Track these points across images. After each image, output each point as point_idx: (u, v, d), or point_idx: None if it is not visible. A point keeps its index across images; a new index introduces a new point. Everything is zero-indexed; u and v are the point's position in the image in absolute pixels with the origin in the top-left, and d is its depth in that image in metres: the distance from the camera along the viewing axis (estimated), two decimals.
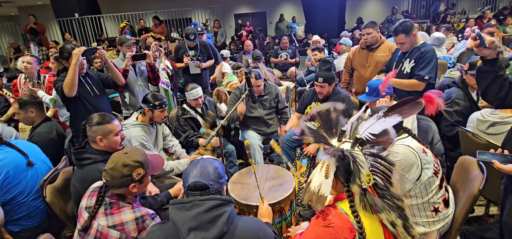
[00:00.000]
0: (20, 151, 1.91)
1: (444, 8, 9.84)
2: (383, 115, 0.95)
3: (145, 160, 1.41)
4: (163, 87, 3.73)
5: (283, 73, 5.67)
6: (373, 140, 0.93)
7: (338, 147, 0.97)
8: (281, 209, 1.83)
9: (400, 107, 0.96)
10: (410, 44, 2.46)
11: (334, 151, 0.94)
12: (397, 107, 0.96)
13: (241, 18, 12.35)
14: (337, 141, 1.01)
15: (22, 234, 1.89)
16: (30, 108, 2.40)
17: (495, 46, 1.31)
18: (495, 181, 1.78)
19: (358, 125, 0.99)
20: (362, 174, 0.91)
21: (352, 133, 1.00)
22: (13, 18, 11.26)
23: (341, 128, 1.00)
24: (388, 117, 0.94)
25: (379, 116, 0.95)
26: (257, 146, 2.76)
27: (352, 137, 0.98)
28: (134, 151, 1.42)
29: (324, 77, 2.48)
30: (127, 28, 8.33)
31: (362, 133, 0.95)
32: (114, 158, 1.37)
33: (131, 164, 1.34)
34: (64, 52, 2.42)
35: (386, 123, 0.94)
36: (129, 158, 1.35)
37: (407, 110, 0.95)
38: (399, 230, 0.95)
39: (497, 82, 1.38)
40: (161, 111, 2.28)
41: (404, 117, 0.95)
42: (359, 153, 0.94)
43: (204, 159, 1.16)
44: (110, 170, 1.32)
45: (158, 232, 1.09)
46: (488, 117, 2.01)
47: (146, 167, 1.40)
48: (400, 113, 0.95)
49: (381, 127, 0.93)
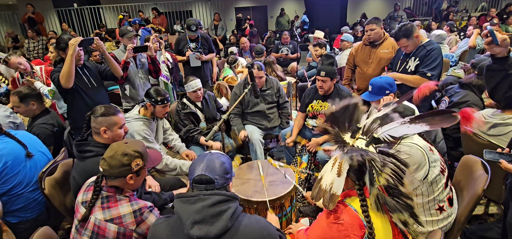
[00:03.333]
0: (19, 142, 1.88)
1: (446, 6, 9.78)
2: (409, 121, 0.91)
3: (144, 151, 1.40)
4: (163, 81, 3.70)
5: (284, 69, 5.65)
6: (391, 141, 0.91)
7: (353, 143, 0.94)
8: (281, 205, 1.82)
9: (431, 117, 0.90)
10: (413, 46, 2.44)
11: (354, 153, 0.90)
12: (428, 116, 0.90)
13: (241, 11, 12.25)
14: (350, 137, 0.99)
15: (20, 225, 1.88)
16: (31, 101, 2.38)
17: (506, 44, 1.29)
18: (496, 180, 1.77)
19: (378, 124, 0.96)
20: (381, 177, 0.89)
21: (368, 130, 0.97)
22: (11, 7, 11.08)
23: (357, 124, 0.98)
24: (414, 125, 0.90)
25: (404, 121, 0.91)
26: (258, 141, 2.74)
27: (368, 135, 0.96)
28: (134, 142, 1.41)
29: (326, 71, 2.45)
30: (126, 19, 8.24)
31: (381, 133, 0.92)
32: (114, 147, 1.35)
33: (131, 153, 1.33)
34: (60, 43, 2.37)
35: (410, 129, 0.90)
36: (129, 147, 1.34)
37: (438, 122, 0.89)
38: (411, 228, 0.93)
39: (506, 80, 1.36)
40: (163, 107, 2.26)
41: (432, 128, 0.89)
42: (375, 153, 0.92)
43: (211, 153, 1.15)
44: (109, 159, 1.31)
45: (163, 225, 1.09)
46: (489, 118, 2.00)
47: (144, 159, 1.39)
48: (429, 124, 0.89)
49: (404, 131, 0.90)
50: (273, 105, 2.93)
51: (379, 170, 0.89)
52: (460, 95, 2.38)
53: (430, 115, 0.90)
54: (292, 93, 4.35)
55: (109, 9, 10.63)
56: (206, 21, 11.38)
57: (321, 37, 5.36)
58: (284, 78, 4.14)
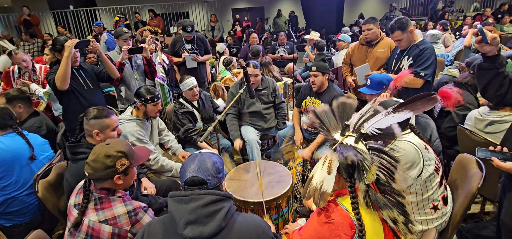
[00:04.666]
0: (28, 142, 1.89)
1: (442, 6, 9.85)
2: (393, 111, 0.91)
3: (129, 150, 1.37)
4: (159, 82, 3.68)
5: (280, 69, 5.64)
6: (378, 134, 0.91)
7: (342, 141, 0.94)
8: (278, 205, 1.81)
9: (412, 103, 0.91)
10: (407, 41, 2.44)
11: (345, 151, 0.90)
12: (410, 103, 0.91)
13: (239, 13, 12.26)
14: (340, 135, 0.99)
15: (13, 229, 1.86)
16: (18, 104, 2.33)
17: (496, 42, 1.30)
18: (491, 178, 1.78)
19: (363, 120, 0.96)
20: (369, 173, 0.89)
21: (356, 127, 0.97)
22: (6, 9, 11.03)
23: (345, 121, 0.98)
24: (398, 113, 0.90)
25: (388, 112, 0.91)
26: (255, 142, 2.74)
27: (356, 131, 0.96)
28: (116, 142, 1.38)
29: (317, 66, 2.53)
30: (122, 21, 8.20)
31: (368, 128, 0.92)
32: (96, 149, 1.32)
33: (113, 154, 1.30)
34: (56, 44, 2.36)
35: (394, 118, 0.90)
36: (111, 148, 1.31)
37: (420, 106, 0.90)
38: (400, 226, 0.93)
39: (497, 79, 1.36)
40: (154, 105, 2.24)
41: (416, 113, 0.91)
42: (364, 150, 0.92)
43: (202, 153, 1.14)
44: (92, 162, 1.28)
45: (158, 224, 1.08)
46: (485, 116, 2.01)
47: (130, 158, 1.36)
48: (412, 109, 0.90)
49: (390, 122, 0.90)
50: (269, 105, 2.93)
51: (368, 166, 0.89)
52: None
53: (411, 101, 0.91)
54: (289, 94, 4.35)
55: (105, 11, 10.59)
56: (203, 22, 11.37)
57: (317, 38, 5.36)
58: (280, 79, 4.14)
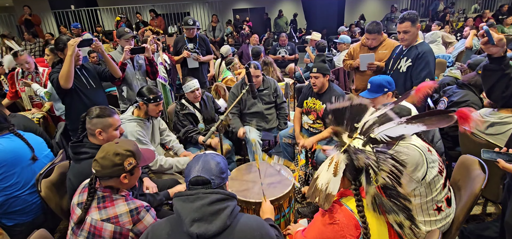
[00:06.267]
0: (27, 144, 1.89)
1: (443, 7, 9.85)
2: (406, 121, 0.90)
3: (136, 150, 1.40)
4: (160, 82, 3.69)
5: (282, 70, 5.64)
6: (388, 142, 0.90)
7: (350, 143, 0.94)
8: (280, 206, 1.81)
9: (428, 117, 0.89)
10: (412, 36, 2.46)
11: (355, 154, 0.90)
12: (425, 116, 0.90)
13: (239, 13, 12.26)
14: (347, 137, 0.99)
15: (16, 228, 1.86)
16: None
17: (503, 44, 1.29)
18: (494, 180, 1.78)
19: (374, 124, 0.95)
20: (378, 176, 0.88)
21: (365, 130, 0.97)
22: (8, 9, 11.02)
23: (354, 123, 0.98)
24: (411, 125, 0.89)
25: (401, 121, 0.91)
26: (256, 142, 2.74)
27: (364, 134, 0.95)
28: (125, 141, 1.41)
29: (318, 68, 2.53)
30: (123, 22, 8.21)
31: (378, 133, 0.92)
32: (105, 147, 1.35)
33: (122, 152, 1.32)
34: (59, 44, 2.37)
35: (407, 129, 0.89)
36: (120, 147, 1.34)
37: (435, 122, 0.88)
38: (406, 231, 0.93)
39: (503, 80, 1.36)
40: (155, 105, 2.24)
41: (428, 128, 0.89)
42: (371, 153, 0.92)
43: (206, 154, 1.16)
44: (101, 159, 1.30)
45: (163, 224, 1.10)
46: (487, 117, 2.00)
47: (137, 158, 1.39)
48: (426, 124, 0.88)
49: (401, 132, 0.89)
50: (271, 105, 2.93)
51: (376, 170, 0.89)
52: (460, 95, 2.39)
53: (427, 115, 0.90)
54: (290, 94, 4.35)
55: (107, 11, 10.61)
56: (204, 22, 11.38)
57: (318, 38, 5.37)
58: (282, 79, 4.14)
